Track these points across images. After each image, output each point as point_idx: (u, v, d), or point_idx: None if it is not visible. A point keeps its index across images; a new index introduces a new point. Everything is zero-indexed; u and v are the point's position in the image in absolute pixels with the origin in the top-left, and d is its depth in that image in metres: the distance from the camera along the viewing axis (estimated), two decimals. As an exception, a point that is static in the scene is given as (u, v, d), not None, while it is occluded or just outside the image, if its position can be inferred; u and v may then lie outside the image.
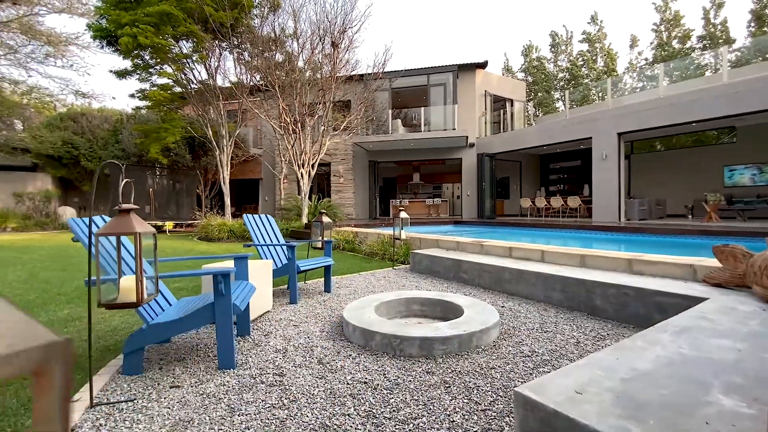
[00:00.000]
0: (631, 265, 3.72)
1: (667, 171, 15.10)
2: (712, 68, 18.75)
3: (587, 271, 3.83)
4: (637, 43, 26.74)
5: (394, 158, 17.57)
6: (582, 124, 12.57)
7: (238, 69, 12.04)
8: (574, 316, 3.38)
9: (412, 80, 16.37)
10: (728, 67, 10.04)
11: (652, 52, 25.49)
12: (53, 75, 16.28)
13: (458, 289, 4.55)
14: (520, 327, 3.10)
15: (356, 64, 12.13)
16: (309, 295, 4.28)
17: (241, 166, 18.86)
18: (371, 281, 5.08)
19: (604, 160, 11.84)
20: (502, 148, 15.50)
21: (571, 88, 24.80)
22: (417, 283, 4.89)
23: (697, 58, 17.40)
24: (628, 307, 3.14)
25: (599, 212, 12.00)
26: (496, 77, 17.68)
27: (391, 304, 3.49)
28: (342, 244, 8.39)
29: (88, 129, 16.08)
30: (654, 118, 10.63)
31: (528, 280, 3.99)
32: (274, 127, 11.65)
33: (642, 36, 38.54)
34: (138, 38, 9.24)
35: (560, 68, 29.25)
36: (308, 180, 11.72)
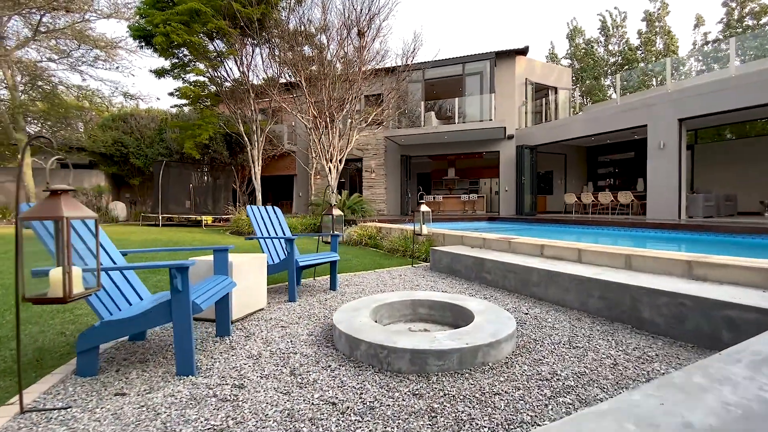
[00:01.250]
0: (691, 268, 3.03)
1: (738, 163, 13.28)
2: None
3: (633, 275, 3.18)
4: (702, 22, 23.81)
5: (427, 152, 16.99)
6: (636, 110, 11.29)
7: (267, 64, 12.08)
8: (614, 328, 2.77)
9: (447, 70, 15.68)
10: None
11: (719, 33, 22.63)
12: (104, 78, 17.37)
13: (479, 291, 4.04)
14: (543, 340, 2.56)
15: (385, 54, 11.70)
16: (312, 293, 3.97)
17: (276, 163, 19.18)
18: (385, 279, 4.68)
19: (661, 150, 10.55)
20: (544, 140, 14.41)
21: (623, 71, 22.63)
22: (434, 283, 4.43)
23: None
24: (685, 320, 2.50)
25: (655, 208, 10.73)
26: (538, 64, 16.52)
27: (394, 306, 3.08)
28: (365, 240, 8.07)
29: (136, 128, 17.04)
30: (723, 100, 9.26)
31: (560, 284, 3.40)
32: (302, 122, 11.55)
33: (708, 16, 34.47)
34: (171, 36, 9.50)
35: (611, 52, 26.85)
36: (336, 174, 11.52)
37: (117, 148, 16.34)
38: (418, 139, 15.80)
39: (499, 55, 15.34)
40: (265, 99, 12.35)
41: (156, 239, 9.16)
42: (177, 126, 13.56)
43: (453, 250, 4.96)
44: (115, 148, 16.28)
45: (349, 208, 12.50)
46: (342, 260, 6.24)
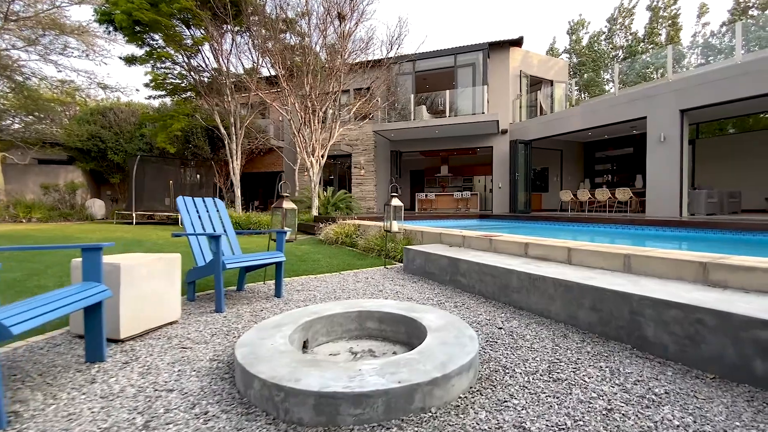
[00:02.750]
0: (706, 271, 2.41)
1: (741, 158, 12.70)
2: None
3: (634, 280, 2.56)
4: (705, 11, 23.15)
5: (418, 148, 16.36)
6: (636, 101, 10.68)
7: (247, 54, 11.41)
8: (609, 350, 2.15)
9: (438, 62, 15.05)
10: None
11: (722, 25, 21.99)
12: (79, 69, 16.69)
13: (451, 297, 3.42)
14: (515, 367, 1.94)
15: (369, 41, 11.05)
16: (250, 301, 3.34)
17: (263, 159, 18.54)
18: (347, 283, 4.06)
19: (661, 143, 9.95)
20: (539, 134, 13.80)
21: (622, 63, 21.98)
22: (401, 288, 3.80)
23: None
24: (702, 342, 1.88)
25: (655, 205, 10.13)
26: (533, 56, 15.89)
27: (335, 319, 2.45)
28: (342, 239, 7.44)
29: (115, 123, 16.35)
30: (728, 89, 8.66)
31: (543, 290, 2.78)
32: (281, 112, 10.90)
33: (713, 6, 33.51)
34: (134, 14, 8.82)
35: (615, 46, 26.19)
36: (319, 169, 10.88)
37: (94, 143, 15.64)
38: (408, 134, 15.17)
39: (493, 47, 14.71)
40: (244, 94, 11.67)
41: (107, 237, 8.51)
42: (150, 119, 12.89)
43: (427, 250, 4.33)
44: (92, 143, 15.58)
45: (333, 205, 11.87)
46: (310, 261, 5.63)
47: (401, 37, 11.06)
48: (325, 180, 18.68)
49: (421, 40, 33.53)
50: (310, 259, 5.81)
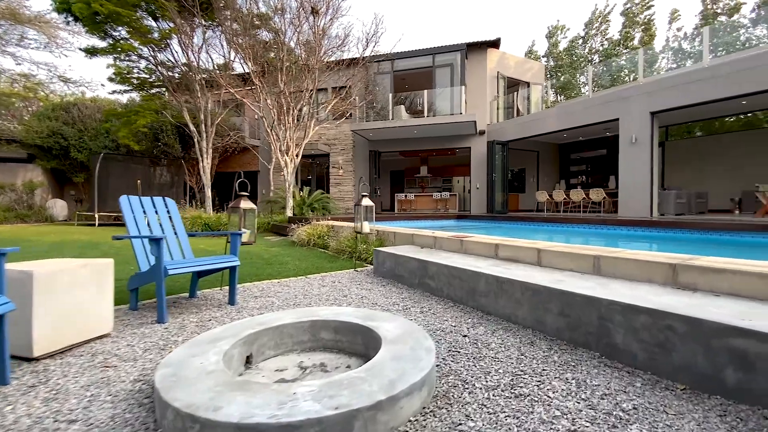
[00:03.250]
0: (675, 273, 2.31)
1: (708, 159, 13.12)
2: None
3: (603, 283, 2.45)
4: (677, 17, 23.91)
5: (397, 148, 16.23)
6: (609, 103, 10.86)
7: (219, 49, 11.00)
8: (577, 359, 2.02)
9: (416, 62, 14.97)
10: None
11: (693, 30, 22.81)
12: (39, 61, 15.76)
13: (419, 301, 3.24)
14: (476, 381, 1.77)
15: (346, 38, 10.83)
16: (200, 309, 3.07)
17: (238, 158, 18.01)
18: (311, 288, 3.83)
19: (633, 145, 10.13)
20: (516, 135, 13.90)
21: (596, 65, 22.51)
22: (367, 292, 3.61)
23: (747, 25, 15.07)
24: (672, 350, 1.76)
25: (627, 206, 10.30)
26: (510, 57, 16.02)
27: (285, 331, 2.23)
28: (314, 240, 7.19)
29: (79, 119, 15.53)
30: (696, 92, 8.88)
31: (510, 294, 2.64)
32: (254, 109, 10.54)
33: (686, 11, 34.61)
34: (92, 5, 8.31)
35: (591, 50, 26.81)
36: (293, 169, 10.57)
37: (56, 141, 14.78)
38: (387, 134, 15.01)
39: (471, 47, 14.74)
40: (216, 91, 11.22)
41: (61, 240, 7.98)
42: (113, 115, 12.25)
43: (396, 252, 4.15)
44: (54, 140, 14.72)
45: (309, 206, 11.59)
46: (278, 264, 5.37)
47: (378, 35, 10.88)
48: (303, 180, 18.32)
49: (398, 38, 33.43)
50: (277, 261, 5.55)
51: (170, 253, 3.28)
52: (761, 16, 16.56)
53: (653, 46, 19.97)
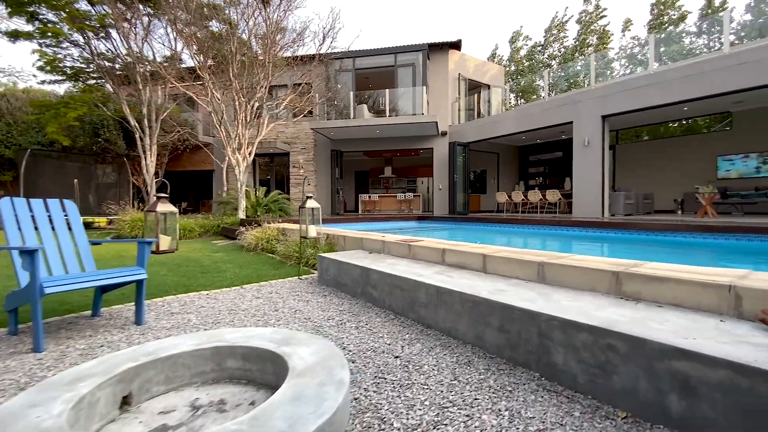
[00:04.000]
0: (619, 283, 2.16)
1: (654, 162, 13.82)
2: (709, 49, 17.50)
3: (547, 293, 2.26)
4: (629, 27, 25.25)
5: (360, 148, 15.92)
6: (563, 106, 11.12)
7: (164, 38, 10.19)
8: (515, 381, 1.80)
9: (378, 60, 14.74)
10: (730, 38, 8.67)
11: (645, 36, 24.18)
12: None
13: (359, 313, 2.96)
14: (394, 420, 1.50)
15: (303, 32, 10.38)
16: (96, 332, 2.61)
17: (191, 156, 17.03)
18: (243, 301, 3.44)
19: (586, 148, 10.41)
20: (476, 137, 14.00)
21: (553, 69, 23.35)
22: (304, 305, 3.27)
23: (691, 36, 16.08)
24: (614, 373, 1.57)
25: (580, 207, 10.58)
26: (471, 60, 16.17)
27: (180, 361, 1.86)
28: (262, 244, 6.73)
29: (7, 112, 14.01)
30: (642, 97, 9.23)
31: (450, 306, 2.40)
32: (202, 105, 9.87)
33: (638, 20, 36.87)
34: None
35: (551, 56, 27.80)
36: (246, 167, 9.99)
37: (-24, 134, 13.24)
38: (349, 133, 14.66)
39: (432, 48, 14.71)
40: (161, 84, 10.40)
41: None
42: (40, 106, 11.08)
43: (340, 258, 3.84)
44: (-26, 134, 13.17)
45: (264, 207, 11.02)
46: (215, 272, 4.90)
47: (335, 30, 10.51)
48: (262, 180, 17.59)
49: (356, 35, 32.85)
50: (216, 269, 5.08)
51: (64, 266, 2.79)
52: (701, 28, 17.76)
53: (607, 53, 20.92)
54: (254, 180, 16.87)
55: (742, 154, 11.59)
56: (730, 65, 7.89)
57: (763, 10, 12.60)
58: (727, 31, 8.96)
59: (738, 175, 11.63)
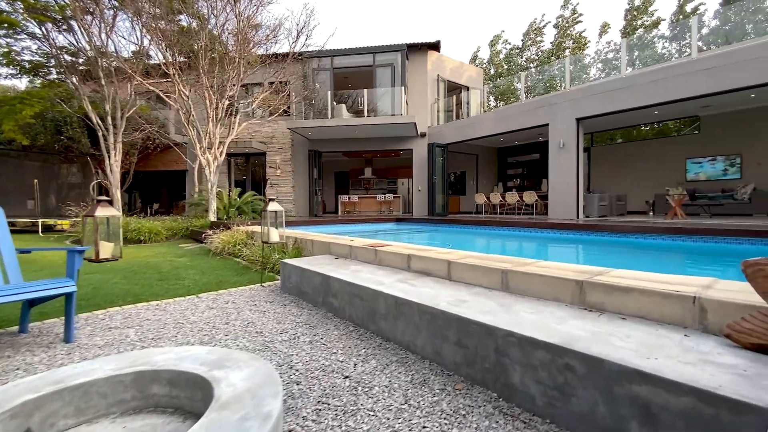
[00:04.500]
0: (583, 292, 2.04)
1: (627, 165, 14.12)
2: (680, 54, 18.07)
3: (508, 303, 2.13)
4: (607, 31, 25.82)
5: (339, 148, 15.68)
6: (539, 108, 11.20)
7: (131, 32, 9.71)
8: (470, 404, 1.65)
9: (357, 60, 14.55)
10: (698, 43, 8.89)
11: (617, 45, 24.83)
12: None
13: (318, 325, 2.77)
14: (330, 456, 1.32)
15: (277, 29, 10.09)
16: (17, 351, 2.34)
17: (163, 156, 16.41)
18: (195, 312, 3.20)
19: (561, 150, 10.51)
20: (455, 138, 13.99)
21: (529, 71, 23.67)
22: (259, 317, 3.06)
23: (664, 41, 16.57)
24: (573, 396, 1.43)
25: (556, 208, 10.66)
26: (450, 61, 16.17)
27: (94, 389, 1.63)
28: (229, 248, 6.44)
29: (-41, 107, 13.11)
30: (615, 100, 9.36)
31: (409, 318, 2.24)
32: (170, 102, 9.46)
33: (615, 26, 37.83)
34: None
35: (529, 59, 28.20)
36: (216, 167, 9.61)
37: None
38: (327, 133, 14.40)
39: (411, 48, 14.63)
40: (126, 80, 9.88)
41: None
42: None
43: (302, 265, 3.63)
44: None
45: (236, 209, 10.66)
46: (173, 279, 4.62)
47: (309, 27, 10.26)
48: (238, 180, 17.13)
49: (332, 33, 31.46)
50: (175, 276, 4.78)
51: None
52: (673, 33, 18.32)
53: (582, 57, 21.37)
54: (229, 180, 16.40)
55: (710, 157, 11.95)
56: (697, 70, 8.07)
57: (729, 17, 13.04)
58: (695, 36, 9.19)
59: (706, 177, 11.98)
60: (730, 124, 11.40)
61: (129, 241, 8.68)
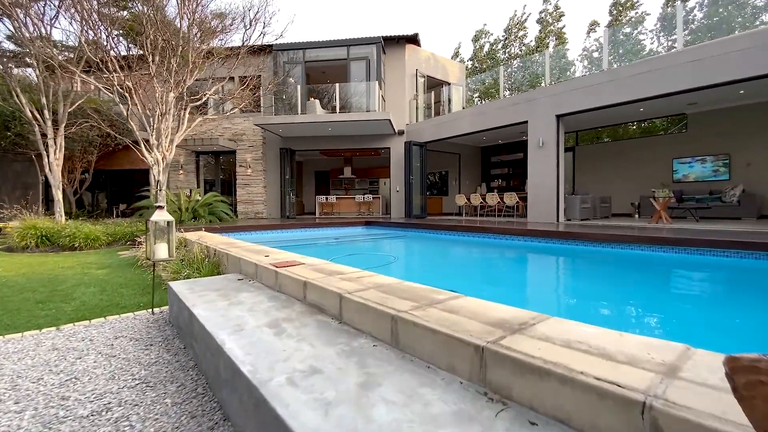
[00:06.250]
0: (484, 366, 1.32)
1: (612, 165, 13.53)
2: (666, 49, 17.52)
3: (381, 375, 1.40)
4: (595, 29, 25.25)
5: (313, 146, 14.89)
6: (518, 105, 10.53)
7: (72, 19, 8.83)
8: None
9: (330, 52, 13.76)
10: (684, 35, 8.27)
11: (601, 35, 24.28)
12: None
13: (159, 384, 2.03)
14: None
15: (235, 19, 9.28)
16: None
17: (128, 154, 15.47)
18: (21, 358, 2.45)
19: (540, 148, 9.85)
20: (434, 136, 13.28)
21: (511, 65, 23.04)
22: (94, 369, 2.31)
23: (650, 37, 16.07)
24: None
25: (536, 211, 10.01)
26: (429, 55, 15.45)
27: None
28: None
29: None
30: (598, 96, 8.72)
31: (240, 396, 1.51)
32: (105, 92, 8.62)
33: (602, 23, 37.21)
34: None
35: (511, 55, 27.58)
36: (165, 166, 8.79)
37: None
38: (298, 130, 13.60)
39: (388, 42, 13.88)
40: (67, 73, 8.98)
41: None
42: None
43: (183, 290, 2.89)
44: None
45: (190, 212, 9.84)
46: (65, 299, 3.86)
47: (267, 14, 9.47)
48: (207, 180, 16.27)
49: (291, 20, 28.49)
50: (63, 297, 4.01)
51: None
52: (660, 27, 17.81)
53: (565, 51, 20.74)
54: (197, 180, 15.55)
55: (697, 156, 11.38)
56: (682, 62, 7.44)
57: (716, 11, 12.50)
58: (680, 25, 8.57)
59: (694, 178, 11.42)
60: (717, 122, 10.84)
61: (62, 248, 7.85)
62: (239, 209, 14.89)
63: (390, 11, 67.21)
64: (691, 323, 3.32)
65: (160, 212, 3.33)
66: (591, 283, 4.80)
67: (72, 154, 13.13)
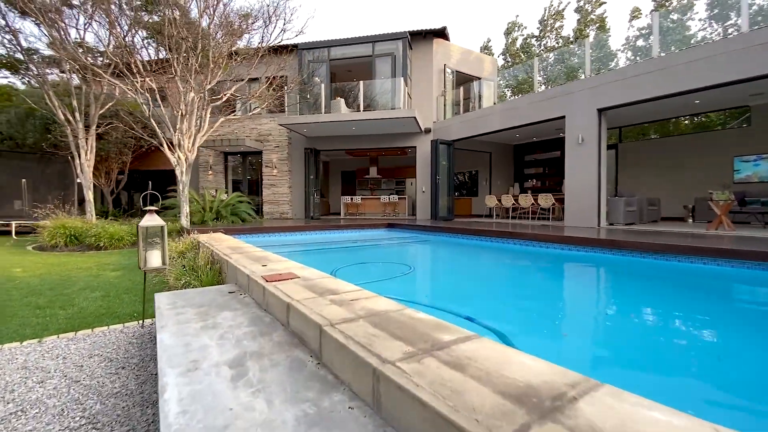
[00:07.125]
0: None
1: (662, 163, 12.31)
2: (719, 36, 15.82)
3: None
4: (639, 15, 23.35)
5: (337, 146, 14.66)
6: (554, 98, 9.73)
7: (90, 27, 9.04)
8: None
9: (354, 50, 13.45)
10: (748, 13, 7.22)
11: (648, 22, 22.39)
12: None
13: (120, 418, 1.71)
14: None
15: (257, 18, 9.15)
16: None
17: (159, 155, 15.93)
18: (1, 373, 2.22)
19: (579, 146, 9.02)
20: (462, 134, 12.65)
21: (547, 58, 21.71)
22: (56, 389, 2.03)
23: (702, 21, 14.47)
24: None
25: (574, 214, 9.19)
26: (459, 50, 14.78)
27: None
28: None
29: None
30: (644, 87, 7.82)
31: (162, 473, 1.13)
32: (131, 93, 8.71)
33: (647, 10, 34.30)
34: None
35: (548, 48, 26.16)
36: (187, 167, 8.80)
37: None
38: (322, 129, 13.41)
39: (414, 37, 13.40)
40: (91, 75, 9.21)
41: None
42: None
43: (162, 304, 2.59)
44: None
45: (214, 212, 9.83)
46: (66, 305, 3.74)
47: (287, 9, 9.25)
48: (236, 180, 16.46)
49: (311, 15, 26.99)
50: (65, 301, 3.89)
51: None
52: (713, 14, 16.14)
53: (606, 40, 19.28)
54: (226, 181, 15.77)
55: (763, 154, 10.06)
56: (746, 48, 6.45)
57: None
58: (745, 7, 7.50)
59: (758, 179, 10.11)
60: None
61: (88, 247, 8.00)
62: (265, 209, 14.94)
63: (415, 6, 66.29)
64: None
65: (151, 216, 3.08)
66: (654, 313, 3.63)
67: (108, 155, 13.64)
